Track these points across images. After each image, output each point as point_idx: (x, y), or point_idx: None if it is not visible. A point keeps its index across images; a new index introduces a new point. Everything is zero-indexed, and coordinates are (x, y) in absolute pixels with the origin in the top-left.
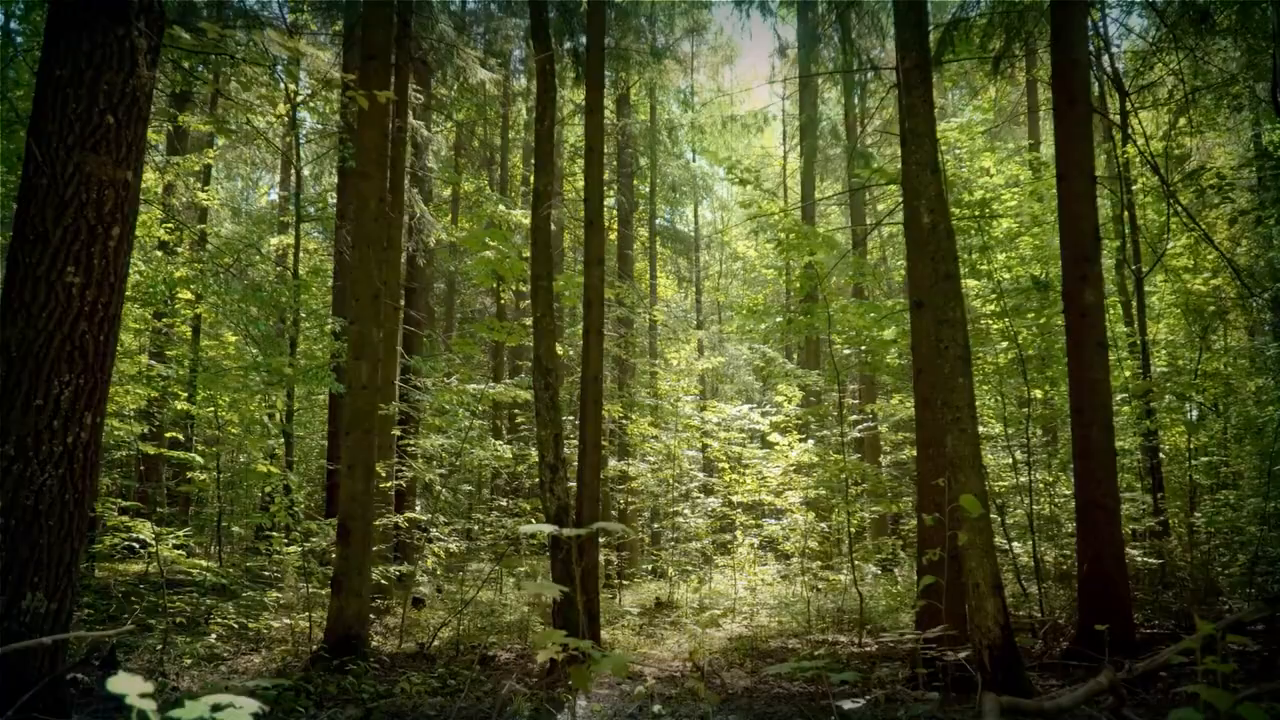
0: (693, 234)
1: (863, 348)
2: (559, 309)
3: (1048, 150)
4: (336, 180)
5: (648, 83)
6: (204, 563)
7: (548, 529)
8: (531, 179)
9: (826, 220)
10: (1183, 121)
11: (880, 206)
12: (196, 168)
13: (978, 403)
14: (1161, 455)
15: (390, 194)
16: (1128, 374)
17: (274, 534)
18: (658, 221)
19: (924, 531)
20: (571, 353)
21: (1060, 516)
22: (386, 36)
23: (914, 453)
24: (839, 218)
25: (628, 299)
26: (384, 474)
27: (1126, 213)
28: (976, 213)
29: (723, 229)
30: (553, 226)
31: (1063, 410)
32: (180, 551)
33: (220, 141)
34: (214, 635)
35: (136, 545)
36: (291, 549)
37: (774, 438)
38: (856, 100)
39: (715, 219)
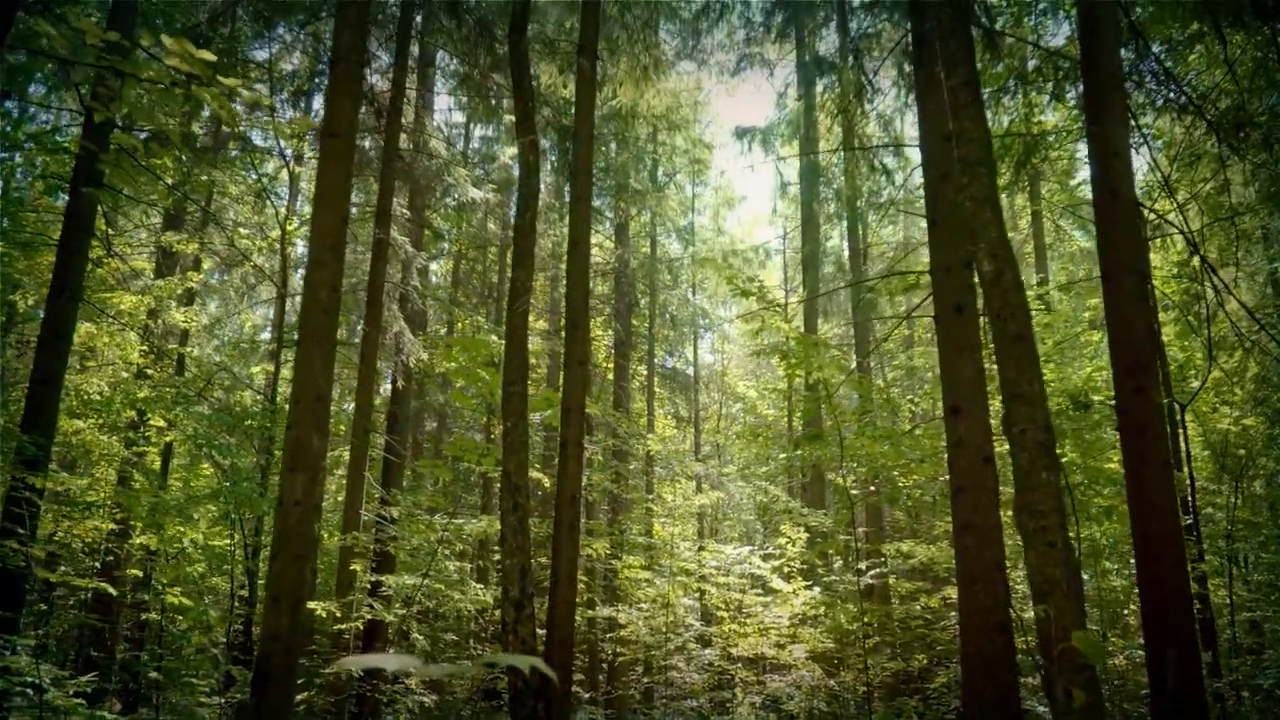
0: (692, 372)
1: (881, 474)
2: (539, 426)
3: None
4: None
5: (648, 215)
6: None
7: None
8: (532, 317)
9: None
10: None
11: (884, 347)
12: (178, 291)
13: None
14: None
15: (368, 308)
16: None
17: (194, 681)
18: (656, 360)
19: (975, 684)
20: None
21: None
22: (357, 40)
23: (931, 602)
24: (844, 358)
25: (622, 428)
26: (339, 613)
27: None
28: None
29: (722, 370)
30: (542, 349)
31: (1114, 547)
32: (80, 701)
33: (206, 265)
34: None
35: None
36: (212, 700)
37: (777, 583)
38: (860, 231)
39: (715, 360)
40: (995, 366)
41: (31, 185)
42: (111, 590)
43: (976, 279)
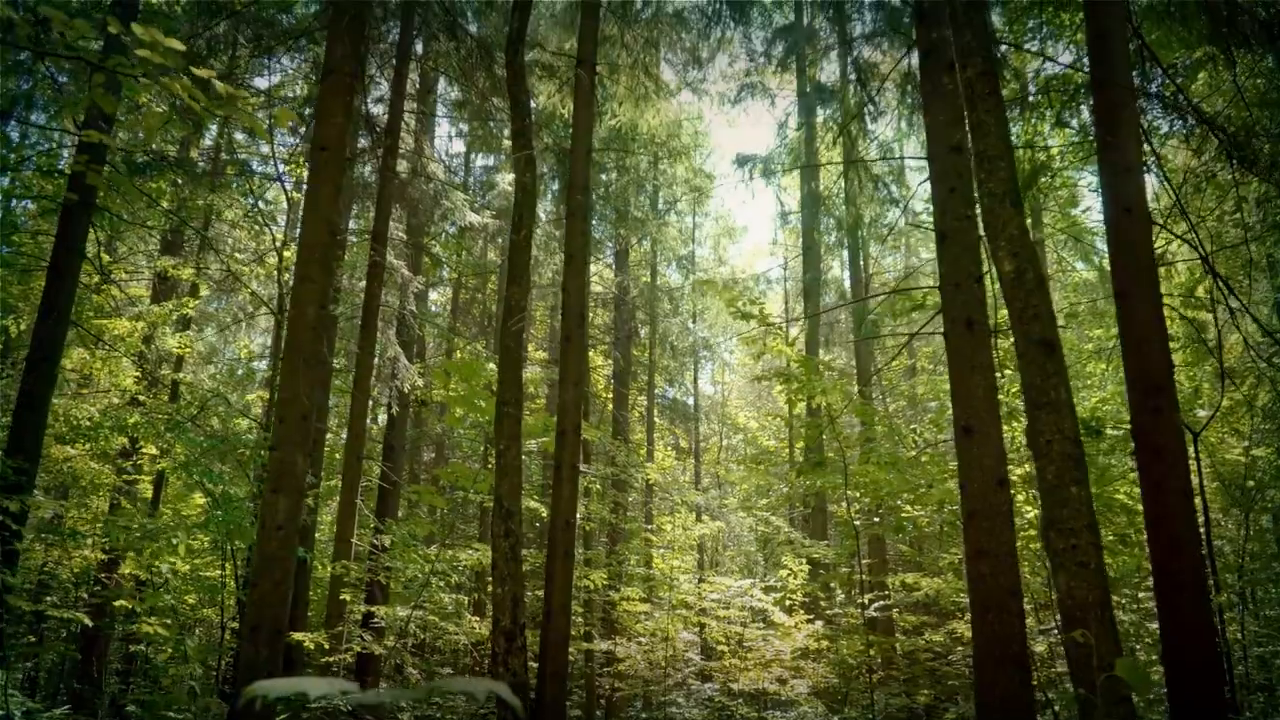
0: (692, 403)
1: (885, 504)
2: (537, 454)
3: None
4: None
5: (648, 244)
6: None
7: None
8: (533, 347)
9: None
10: (1202, 291)
11: (886, 379)
12: (173, 317)
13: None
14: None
15: (362, 332)
16: None
17: (170, 715)
18: (656, 391)
19: None
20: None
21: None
22: (349, 52)
23: (935, 637)
24: (848, 382)
25: (620, 456)
26: (328, 645)
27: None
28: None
29: (723, 400)
30: (540, 378)
31: (1125, 578)
32: None
33: (203, 291)
34: None
35: None
36: None
37: (778, 616)
38: (862, 260)
39: (716, 391)
40: (1004, 374)
41: (26, 211)
42: (87, 621)
43: (995, 287)
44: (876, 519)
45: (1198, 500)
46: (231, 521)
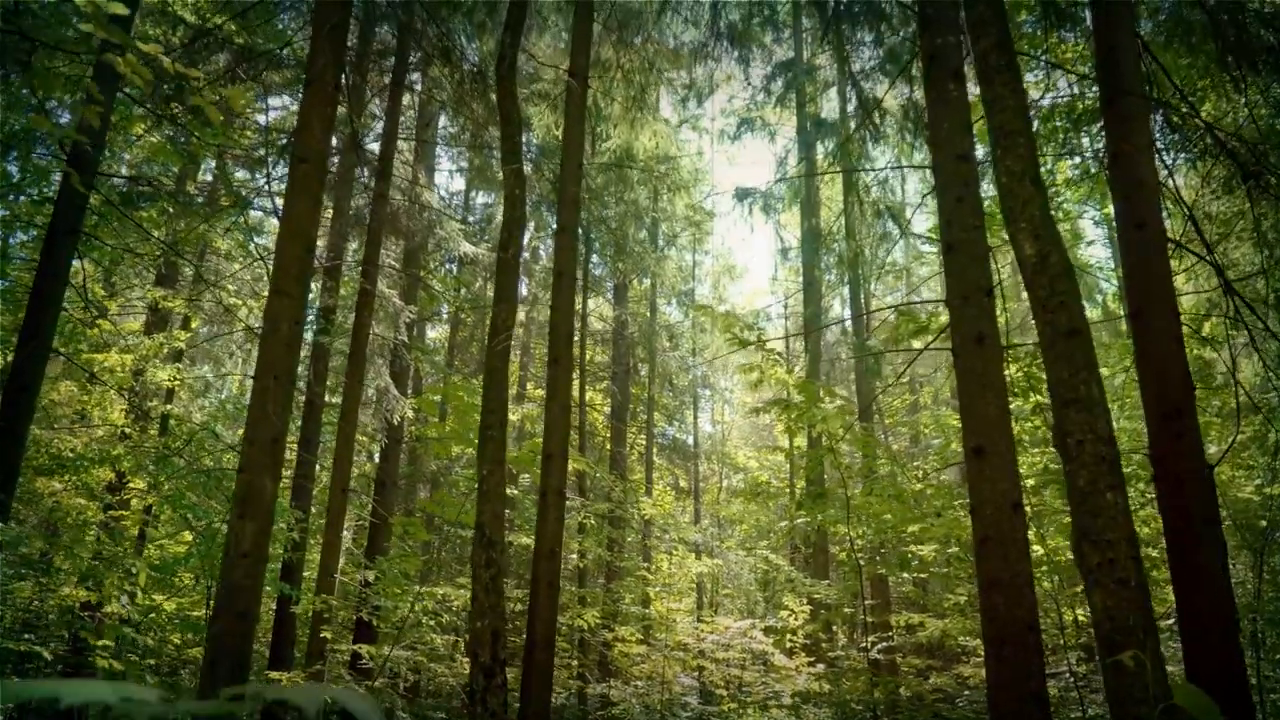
0: (691, 442)
1: (888, 539)
2: (530, 489)
3: None
4: (311, 361)
5: (648, 282)
6: None
7: None
8: (530, 385)
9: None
10: (1209, 328)
11: (889, 419)
12: (164, 349)
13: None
14: None
15: (350, 361)
16: None
17: None
18: (656, 430)
19: None
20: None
21: None
22: (332, 62)
23: (940, 680)
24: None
25: (616, 491)
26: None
27: None
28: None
29: (723, 438)
30: (537, 415)
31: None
32: None
33: (195, 324)
34: None
35: None
36: None
37: (779, 659)
38: (862, 296)
39: (715, 431)
40: (1014, 393)
41: (20, 244)
42: (46, 655)
43: (1003, 303)
44: (880, 555)
45: None
46: (214, 556)
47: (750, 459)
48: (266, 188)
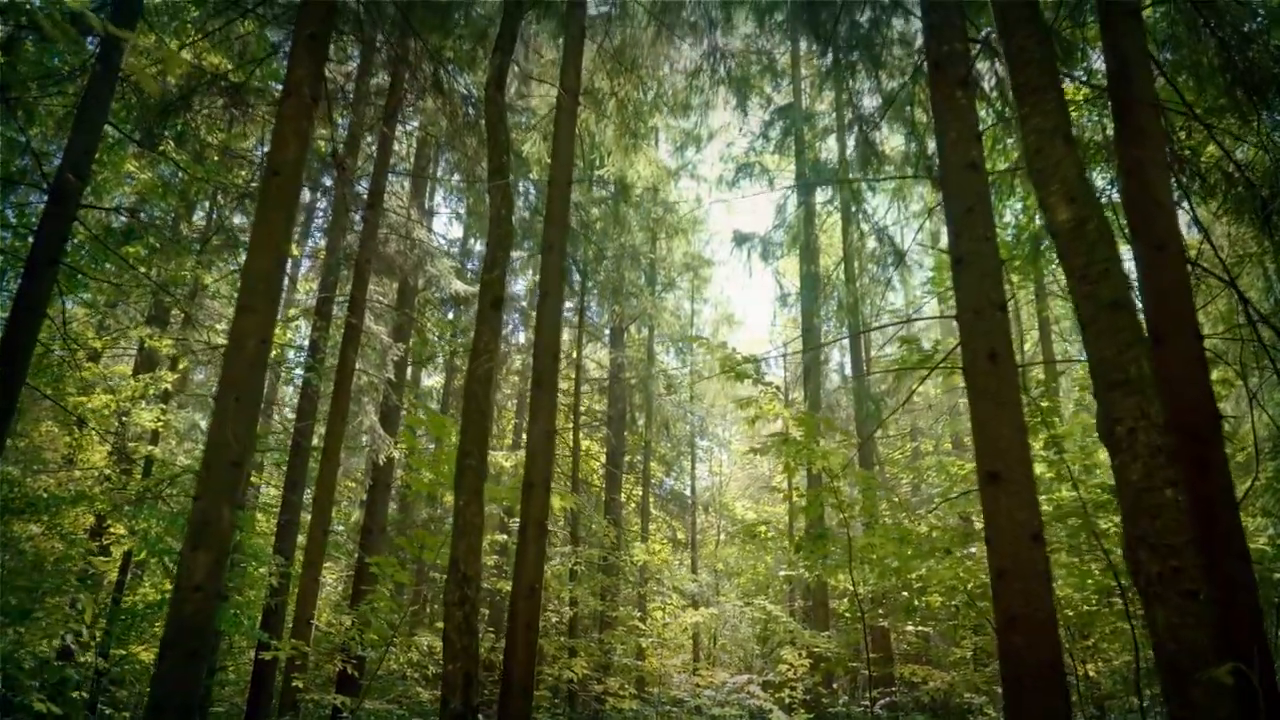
0: (689, 493)
1: (892, 584)
2: (510, 524)
3: None
4: (298, 400)
5: (646, 331)
6: None
7: None
8: (525, 435)
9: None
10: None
11: (890, 463)
12: (149, 390)
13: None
14: None
15: (335, 398)
16: None
17: None
18: (653, 481)
19: None
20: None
21: None
22: (310, 74)
23: None
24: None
25: (609, 538)
26: None
27: None
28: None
29: (721, 489)
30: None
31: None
32: None
33: (182, 364)
34: None
35: None
36: None
37: (778, 716)
38: (862, 341)
39: (713, 483)
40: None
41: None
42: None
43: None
44: (883, 603)
45: None
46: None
47: (748, 510)
48: None
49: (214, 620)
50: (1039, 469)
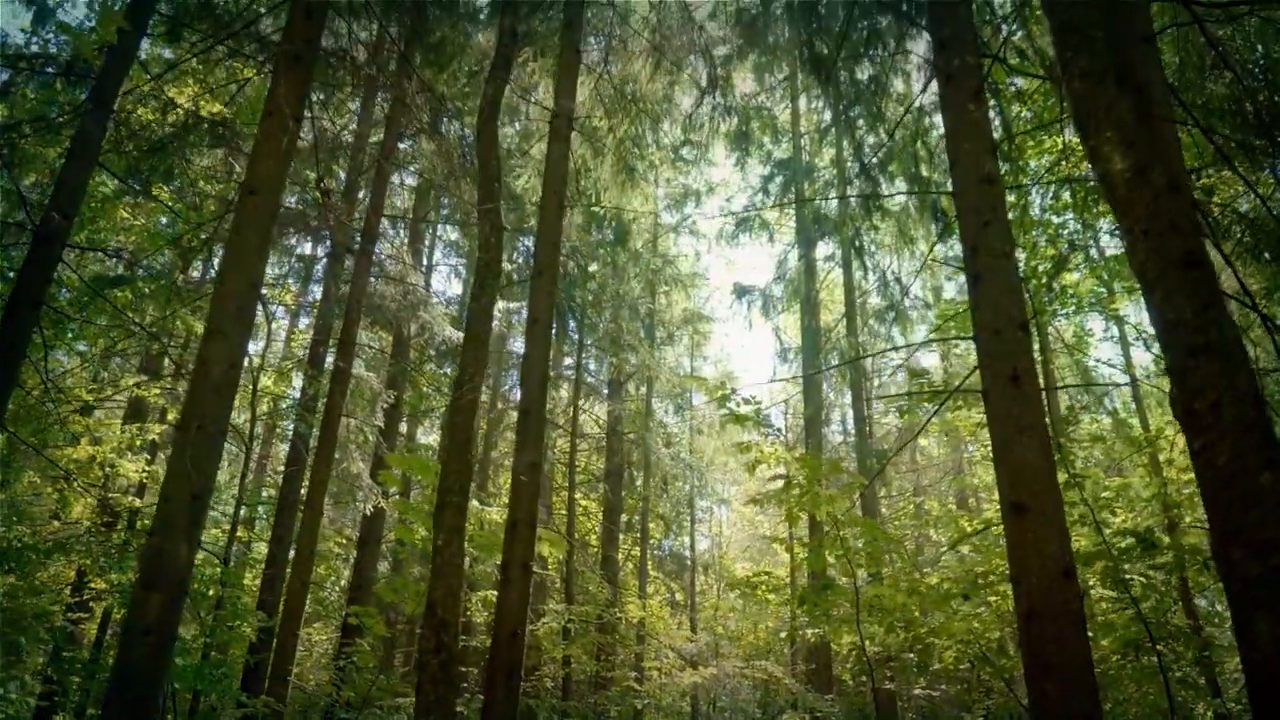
0: (688, 553)
1: (901, 641)
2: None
3: None
4: (287, 451)
5: (645, 386)
6: None
7: None
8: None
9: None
10: None
11: (895, 519)
12: (136, 441)
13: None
14: None
15: (320, 442)
16: None
17: None
18: (651, 542)
19: None
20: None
21: None
22: (292, 93)
23: None
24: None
25: (601, 595)
26: None
27: None
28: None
29: (722, 553)
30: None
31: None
32: None
33: (171, 415)
34: None
35: None
36: None
37: None
38: (864, 396)
39: (712, 544)
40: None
41: None
42: None
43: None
44: (890, 664)
45: None
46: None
47: (748, 571)
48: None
49: (166, 668)
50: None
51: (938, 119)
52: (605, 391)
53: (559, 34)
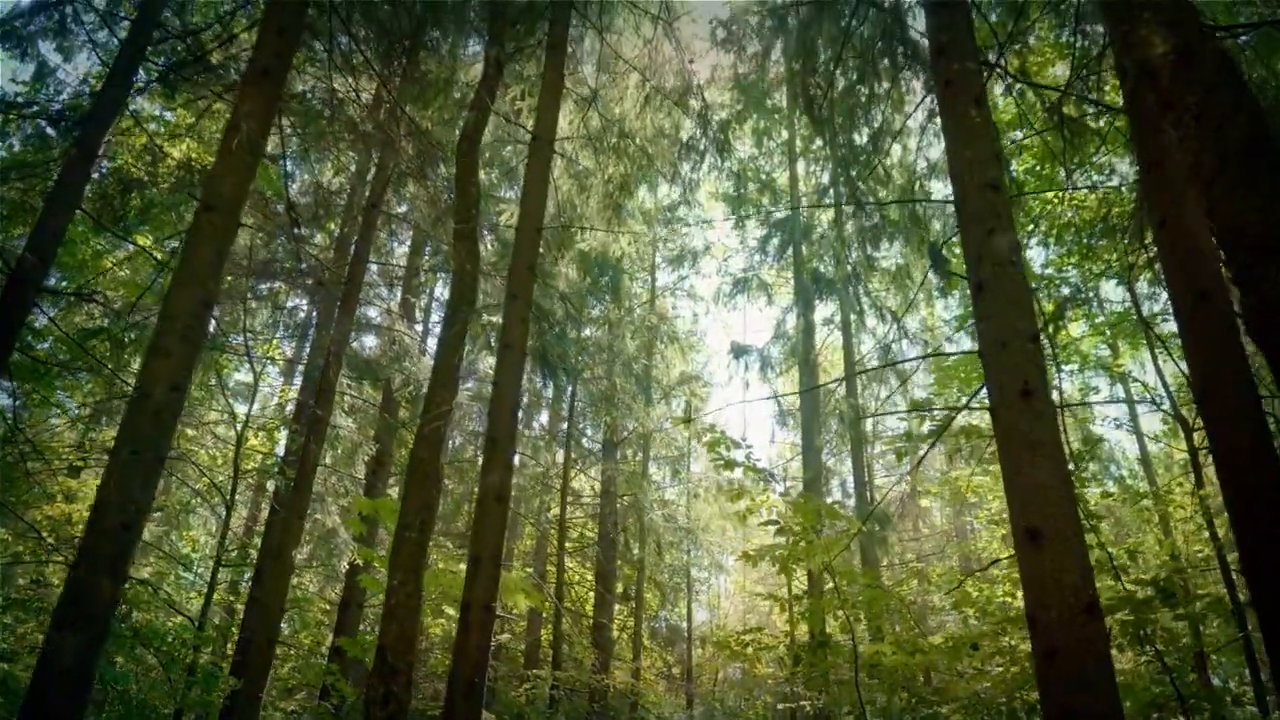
0: (684, 625)
1: (908, 702)
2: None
3: None
4: (268, 510)
5: (640, 449)
6: None
7: None
8: (519, 563)
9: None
10: None
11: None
12: None
13: None
14: None
15: (295, 493)
16: None
17: None
18: (647, 614)
19: None
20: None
21: None
22: (259, 107)
23: None
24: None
25: (587, 661)
26: None
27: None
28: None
29: (721, 625)
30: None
31: None
32: None
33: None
34: None
35: None
36: None
37: None
38: (865, 459)
39: (711, 617)
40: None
41: None
42: None
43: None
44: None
45: None
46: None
47: (747, 641)
48: (242, 327)
49: (82, 714)
50: None
51: (934, 184)
52: (599, 449)
53: (544, 52)
